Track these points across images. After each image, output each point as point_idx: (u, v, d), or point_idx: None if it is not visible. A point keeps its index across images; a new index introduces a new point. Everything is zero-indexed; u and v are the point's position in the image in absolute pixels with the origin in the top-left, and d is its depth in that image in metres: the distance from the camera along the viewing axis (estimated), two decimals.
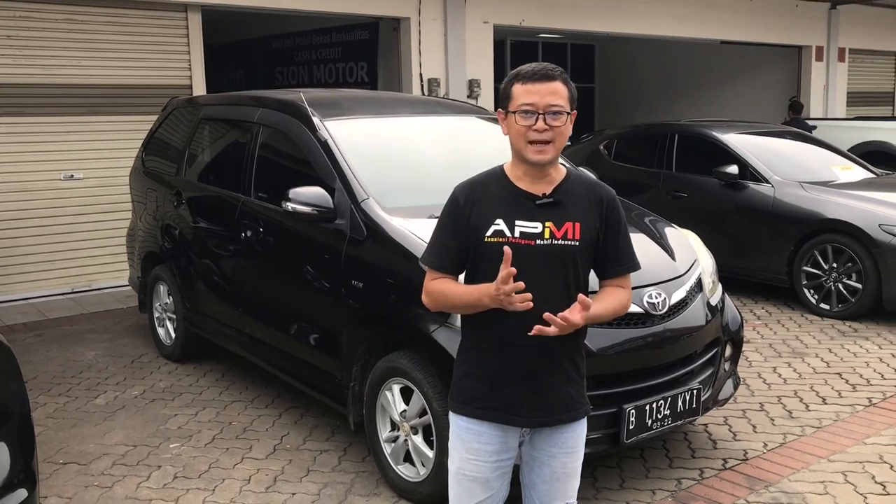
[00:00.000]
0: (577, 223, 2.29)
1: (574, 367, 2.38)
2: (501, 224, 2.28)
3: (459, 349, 2.44)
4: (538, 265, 2.25)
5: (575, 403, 2.39)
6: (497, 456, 2.38)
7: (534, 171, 2.31)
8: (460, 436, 2.41)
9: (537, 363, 2.30)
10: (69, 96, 7.70)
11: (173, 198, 5.68)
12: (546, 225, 2.28)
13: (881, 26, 15.49)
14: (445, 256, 2.36)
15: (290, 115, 4.73)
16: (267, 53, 13.82)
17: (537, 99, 2.23)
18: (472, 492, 2.41)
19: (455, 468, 2.43)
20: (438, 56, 9.97)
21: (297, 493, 3.87)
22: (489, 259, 2.28)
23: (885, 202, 6.85)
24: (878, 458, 4.13)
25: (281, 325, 4.60)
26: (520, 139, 2.27)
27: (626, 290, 2.42)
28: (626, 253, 2.41)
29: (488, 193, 2.33)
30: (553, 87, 2.25)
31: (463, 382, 2.40)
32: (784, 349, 5.99)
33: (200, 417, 4.83)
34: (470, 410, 2.37)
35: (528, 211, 2.29)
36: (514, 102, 2.27)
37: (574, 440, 2.42)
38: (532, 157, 2.26)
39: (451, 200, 2.38)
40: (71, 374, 5.65)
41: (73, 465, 4.21)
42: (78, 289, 7.94)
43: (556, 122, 2.24)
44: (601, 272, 2.41)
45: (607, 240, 2.36)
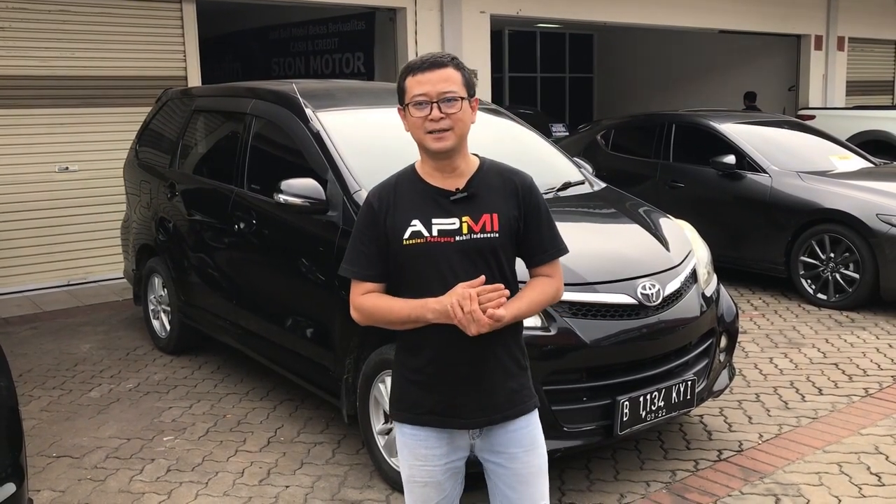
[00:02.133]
0: (495, 214, 2.22)
1: (513, 360, 2.29)
2: (418, 224, 2.21)
3: (396, 354, 2.37)
4: (460, 262, 2.19)
5: (519, 397, 2.30)
6: (446, 458, 2.30)
7: (442, 165, 2.23)
8: (406, 443, 2.33)
9: (473, 360, 2.23)
10: (63, 88, 7.67)
11: (167, 190, 5.66)
12: (463, 220, 2.21)
13: (881, 15, 15.43)
14: (367, 265, 2.27)
15: (282, 107, 4.70)
16: (263, 44, 13.79)
17: (429, 88, 2.17)
18: (425, 496, 2.34)
19: (406, 475, 2.36)
20: (435, 46, 9.92)
21: (290, 486, 3.85)
22: (411, 262, 2.22)
23: (883, 192, 6.82)
24: (874, 449, 4.12)
25: (275, 318, 4.59)
26: (418, 131, 2.20)
27: (554, 278, 2.32)
28: (550, 238, 2.31)
29: (402, 194, 2.27)
30: (444, 74, 2.19)
31: (401, 388, 2.33)
32: (781, 339, 5.97)
33: (195, 410, 4.81)
34: (412, 417, 2.30)
35: (443, 208, 2.23)
36: (408, 95, 2.20)
37: (530, 437, 2.32)
38: (432, 145, 2.18)
39: (366, 206, 2.30)
40: (65, 367, 5.63)
41: (67, 459, 4.20)
42: (73, 281, 7.92)
43: (450, 108, 2.17)
44: (527, 261, 2.33)
45: (528, 227, 2.27)
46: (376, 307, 2.26)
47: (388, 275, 2.28)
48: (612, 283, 3.66)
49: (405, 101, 2.22)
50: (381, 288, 2.29)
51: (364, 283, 2.28)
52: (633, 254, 3.97)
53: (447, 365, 2.24)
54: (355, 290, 2.30)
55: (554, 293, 2.33)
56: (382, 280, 2.29)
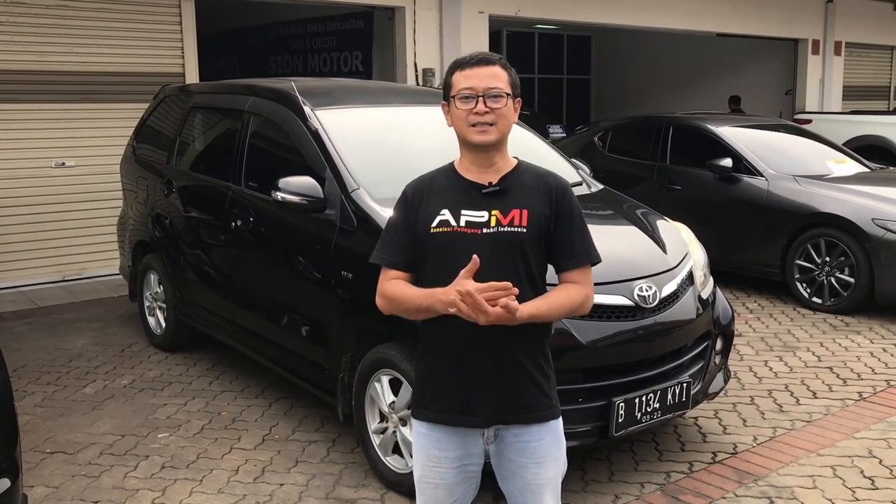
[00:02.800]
0: (525, 210, 2.24)
1: (535, 364, 2.28)
2: (447, 214, 2.24)
3: (418, 352, 2.39)
4: (486, 254, 2.18)
5: (537, 404, 2.28)
6: (459, 462, 2.31)
7: (480, 160, 2.27)
8: (420, 443, 2.34)
9: (490, 359, 2.23)
10: (61, 83, 7.65)
11: (164, 186, 5.65)
12: (492, 213, 2.23)
13: (878, 20, 15.47)
14: (397, 252, 2.31)
15: (280, 104, 4.70)
16: (261, 42, 13.78)
17: (476, 82, 2.21)
18: (435, 498, 2.34)
19: (418, 475, 2.37)
20: (433, 46, 9.93)
21: (285, 484, 3.85)
22: (436, 251, 2.24)
23: (879, 196, 6.84)
24: (868, 453, 4.13)
25: (271, 315, 4.58)
26: (462, 123, 2.23)
27: (582, 285, 2.29)
28: (581, 244, 2.30)
29: (436, 186, 2.31)
30: (492, 71, 2.24)
31: (422, 384, 2.34)
32: (776, 343, 5.98)
33: (190, 407, 4.81)
34: (428, 414, 2.31)
35: (474, 200, 2.25)
36: (455, 89, 2.24)
37: (543, 450, 2.30)
38: (475, 138, 2.21)
39: (401, 196, 2.35)
40: (60, 363, 5.62)
41: (61, 455, 4.19)
42: (69, 277, 7.90)
43: (496, 104, 2.21)
44: (556, 265, 2.32)
45: (559, 229, 2.28)
46: (396, 293, 2.28)
47: (415, 264, 2.30)
48: (609, 285, 3.66)
49: (451, 95, 2.26)
50: (408, 277, 2.31)
51: (390, 271, 2.32)
52: (631, 255, 3.97)
53: (465, 361, 2.25)
54: (382, 277, 2.34)
55: (581, 301, 2.29)
56: (409, 269, 2.31)
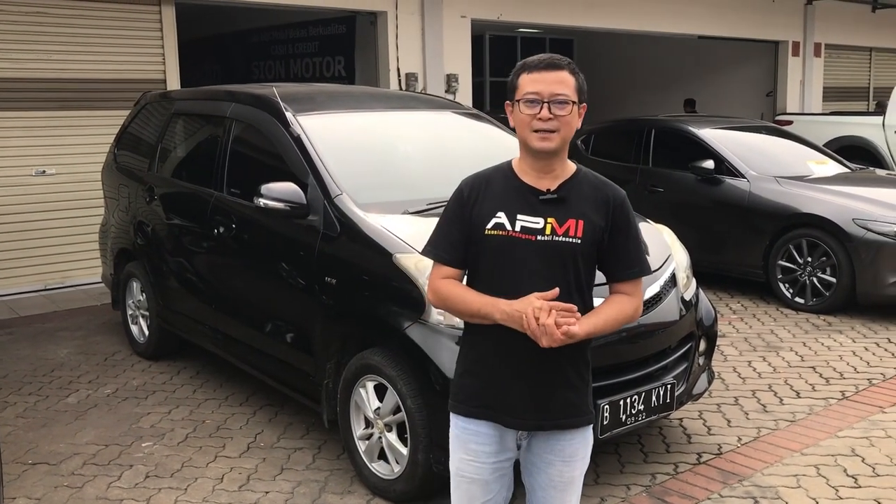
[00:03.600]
0: (581, 221, 2.23)
1: (576, 372, 2.29)
2: (503, 217, 2.23)
3: (461, 347, 2.40)
4: (538, 261, 2.21)
5: (575, 410, 2.31)
6: (495, 457, 2.33)
7: (540, 165, 2.25)
8: (458, 436, 2.36)
9: (535, 363, 2.23)
10: (40, 91, 7.60)
11: (145, 194, 5.62)
12: (548, 221, 2.22)
13: (857, 22, 15.61)
14: (449, 249, 2.31)
15: (262, 110, 4.68)
16: (244, 48, 13.72)
17: (542, 87, 2.20)
18: (471, 494, 2.36)
19: (454, 469, 2.39)
20: (416, 50, 9.93)
21: (270, 492, 3.83)
22: (489, 253, 2.25)
23: (860, 197, 6.90)
24: (850, 452, 4.16)
25: (254, 323, 4.56)
26: (524, 128, 2.22)
27: (633, 297, 2.33)
28: (635, 256, 2.32)
29: (493, 187, 2.29)
30: (559, 77, 2.22)
31: (462, 380, 2.35)
32: (759, 343, 6.02)
33: (173, 416, 4.78)
34: (466, 409, 2.32)
35: (531, 205, 2.24)
36: (520, 92, 2.23)
37: (572, 449, 2.33)
38: (536, 144, 2.20)
39: (457, 192, 2.34)
40: (42, 373, 5.57)
41: (43, 466, 4.15)
42: (50, 286, 7.84)
43: (561, 111, 2.19)
44: (609, 276, 2.34)
45: (613, 241, 2.28)
46: (451, 293, 2.29)
47: (465, 262, 2.31)
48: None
49: (516, 98, 2.25)
50: (459, 274, 2.33)
51: (442, 267, 2.33)
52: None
53: (507, 361, 2.26)
54: (434, 273, 2.35)
55: (632, 313, 2.32)
56: (460, 266, 2.33)
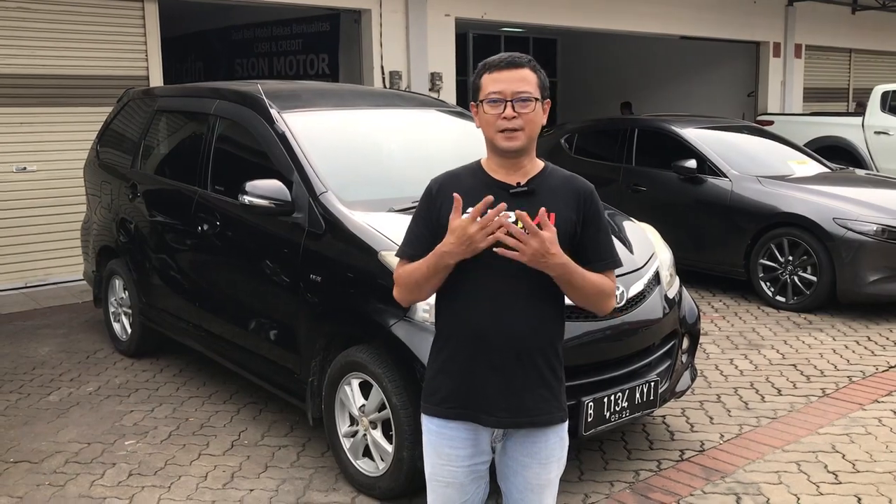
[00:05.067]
0: (552, 214, 2.21)
1: (549, 367, 2.29)
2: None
3: (432, 346, 2.38)
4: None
5: (549, 407, 2.29)
6: (470, 460, 2.32)
7: (508, 163, 2.26)
8: (431, 441, 2.35)
9: (508, 357, 2.23)
10: (22, 87, 7.53)
11: (128, 191, 5.58)
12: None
13: (836, 23, 15.76)
14: (419, 246, 2.31)
15: (247, 107, 4.67)
16: (226, 45, 13.66)
17: (504, 87, 2.20)
18: (446, 497, 2.35)
19: (429, 473, 2.38)
20: (400, 49, 9.93)
21: (254, 490, 3.82)
22: None
23: (840, 196, 6.97)
24: (831, 448, 4.21)
25: (238, 320, 4.55)
26: (490, 128, 2.24)
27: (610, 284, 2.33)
28: (606, 248, 2.33)
29: (462, 184, 2.30)
30: (521, 75, 2.23)
31: (434, 381, 2.34)
32: (741, 341, 6.07)
33: (157, 414, 4.75)
34: (440, 411, 2.30)
35: (501, 200, 2.22)
36: (483, 92, 2.24)
37: (548, 451, 2.33)
38: (502, 143, 2.22)
39: (426, 191, 2.35)
40: (23, 371, 5.53)
41: (25, 464, 4.12)
42: (31, 283, 7.78)
43: (524, 108, 2.21)
44: (582, 267, 2.28)
45: (585, 234, 2.29)
46: (403, 273, 2.31)
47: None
48: None
49: (479, 98, 2.25)
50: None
51: (407, 263, 2.33)
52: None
53: (480, 357, 2.25)
54: (397, 268, 2.36)
55: (610, 292, 2.31)
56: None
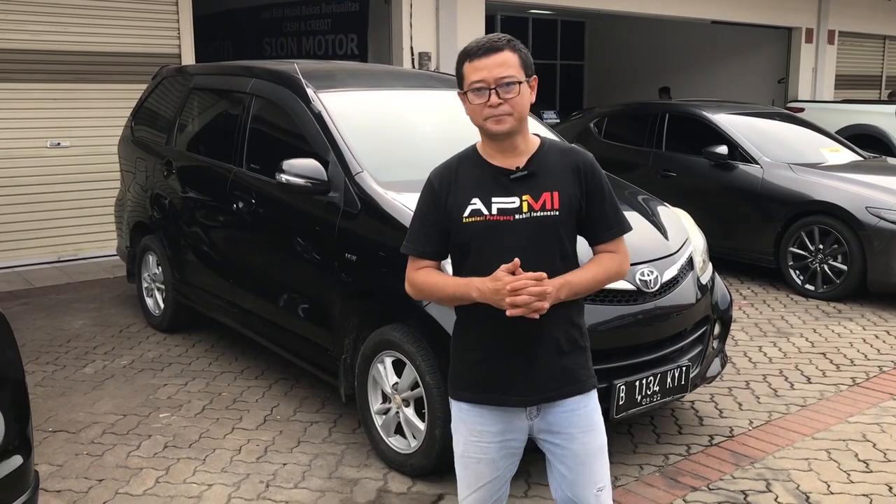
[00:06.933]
0: (556, 192, 2.23)
1: (568, 338, 2.29)
2: (478, 203, 2.24)
3: (453, 333, 2.40)
4: (521, 240, 2.21)
5: (574, 376, 2.31)
6: (502, 436, 2.32)
7: (503, 146, 2.25)
8: (462, 418, 2.35)
9: (523, 337, 2.24)
10: (56, 63, 7.61)
11: (163, 167, 5.64)
12: (523, 199, 2.22)
13: (871, 9, 15.52)
14: (426, 243, 2.33)
15: (283, 87, 4.70)
16: (255, 24, 13.68)
17: (486, 74, 2.18)
18: (478, 473, 2.35)
19: (460, 451, 2.38)
20: (429, 30, 9.91)
21: (288, 464, 3.89)
22: (471, 240, 2.25)
23: (873, 185, 6.90)
24: (861, 437, 4.20)
25: (272, 297, 4.60)
26: (477, 116, 2.23)
27: (618, 254, 2.34)
28: (613, 216, 2.33)
29: (462, 174, 2.30)
30: (501, 59, 2.19)
31: (459, 367, 2.36)
32: (769, 329, 6.05)
33: (190, 388, 4.83)
34: (468, 396, 2.33)
35: (503, 186, 2.24)
36: (466, 82, 2.23)
37: (587, 417, 2.32)
38: (493, 128, 2.20)
39: (427, 186, 2.35)
40: (58, 343, 5.62)
41: (63, 434, 4.21)
42: (63, 258, 7.89)
43: (508, 93, 2.18)
44: (590, 239, 2.34)
45: (590, 205, 2.29)
46: (427, 282, 2.31)
47: (444, 253, 2.34)
48: None
49: (464, 88, 2.25)
50: (436, 265, 2.35)
51: (418, 260, 2.35)
52: (632, 240, 3.96)
53: (497, 342, 2.27)
54: (410, 266, 2.37)
55: (617, 268, 2.33)
56: (437, 258, 2.35)
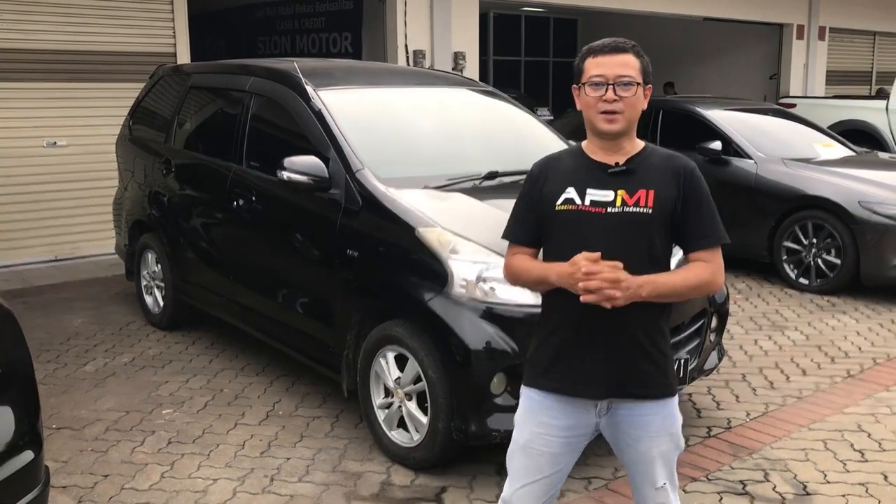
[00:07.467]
0: (651, 191, 2.25)
1: (651, 341, 2.29)
2: (572, 192, 2.28)
3: (539, 320, 2.43)
4: (610, 234, 2.24)
5: (652, 381, 2.31)
6: (567, 431, 2.35)
7: (608, 144, 2.30)
8: (531, 408, 2.38)
9: (608, 331, 2.25)
10: (52, 62, 7.61)
11: (162, 166, 5.66)
12: (618, 193, 2.25)
13: (861, 5, 15.60)
14: (522, 230, 2.40)
15: (283, 85, 4.72)
16: (248, 23, 13.66)
17: (607, 70, 2.25)
18: (538, 466, 2.37)
19: (524, 440, 2.39)
20: (424, 28, 9.93)
21: (291, 458, 3.92)
22: (560, 228, 2.30)
23: (865, 179, 6.97)
24: (857, 427, 4.26)
25: (274, 295, 4.63)
26: (591, 110, 2.28)
27: (711, 263, 2.29)
28: (710, 225, 2.31)
29: (562, 165, 2.36)
30: (624, 59, 2.27)
31: (537, 353, 2.39)
32: (765, 322, 6.11)
33: (192, 384, 4.86)
34: (542, 383, 2.35)
35: (600, 180, 2.28)
36: (586, 75, 2.29)
37: (658, 424, 2.32)
38: (603, 126, 2.26)
39: (528, 175, 2.42)
40: (59, 342, 5.64)
41: (67, 430, 4.23)
42: (60, 256, 7.89)
43: (625, 92, 2.24)
44: (684, 246, 2.34)
45: (687, 211, 2.29)
46: (518, 266, 2.39)
47: (538, 241, 2.39)
48: None
49: (581, 81, 2.30)
50: (532, 252, 2.41)
51: (515, 246, 2.43)
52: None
53: (576, 332, 2.29)
54: (508, 251, 2.45)
55: (709, 278, 2.29)
56: (532, 245, 2.41)
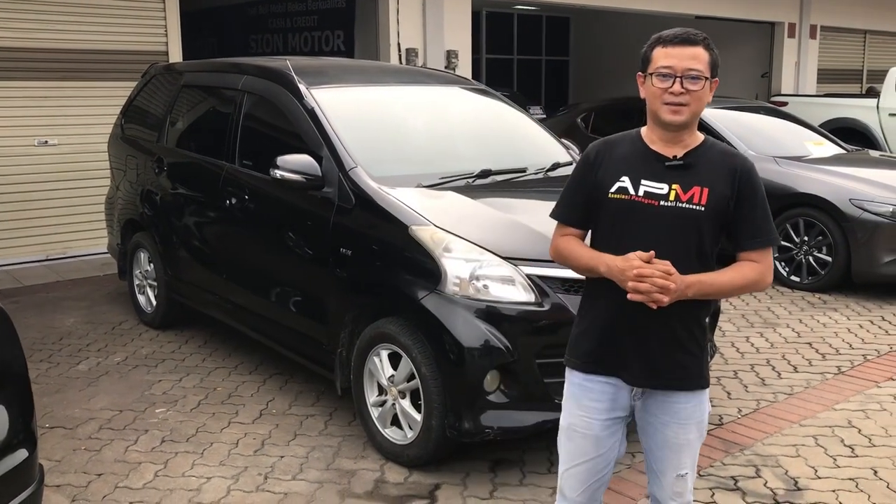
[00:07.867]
0: (706, 188, 2.24)
1: (689, 334, 2.32)
2: (626, 181, 2.28)
3: (581, 305, 2.46)
4: (660, 227, 2.24)
5: (688, 373, 2.34)
6: (607, 414, 2.39)
7: (668, 136, 2.29)
8: (573, 392, 2.43)
9: (648, 321, 2.26)
10: (43, 61, 7.58)
11: (154, 165, 5.66)
12: (672, 187, 2.25)
13: (851, 4, 15.67)
14: (571, 211, 2.41)
15: (275, 83, 4.73)
16: (240, 21, 13.67)
17: (676, 62, 2.23)
18: (582, 448, 2.42)
19: (567, 423, 2.46)
20: (416, 26, 9.94)
21: (285, 457, 3.93)
22: (611, 216, 2.30)
23: (856, 177, 7.01)
24: (847, 423, 4.29)
25: (267, 293, 4.64)
26: (655, 100, 2.26)
27: (761, 264, 2.32)
28: (762, 226, 2.31)
29: (619, 151, 2.34)
30: (694, 52, 2.24)
31: (579, 337, 2.43)
32: (756, 319, 6.14)
33: (185, 383, 4.86)
34: (582, 365, 2.40)
35: (655, 171, 2.27)
36: (653, 65, 2.27)
37: (688, 412, 2.37)
38: (666, 117, 2.24)
39: (583, 156, 2.42)
40: (51, 341, 5.63)
41: (60, 430, 4.23)
42: (52, 256, 7.87)
43: (693, 86, 2.22)
44: (735, 244, 2.35)
45: (741, 210, 2.29)
46: (566, 248, 2.40)
47: (588, 224, 2.40)
48: None
49: (649, 70, 2.28)
50: (580, 234, 2.43)
51: (563, 227, 2.44)
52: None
53: (617, 319, 2.32)
54: (556, 231, 2.47)
55: (757, 278, 2.32)
56: (581, 226, 2.42)
